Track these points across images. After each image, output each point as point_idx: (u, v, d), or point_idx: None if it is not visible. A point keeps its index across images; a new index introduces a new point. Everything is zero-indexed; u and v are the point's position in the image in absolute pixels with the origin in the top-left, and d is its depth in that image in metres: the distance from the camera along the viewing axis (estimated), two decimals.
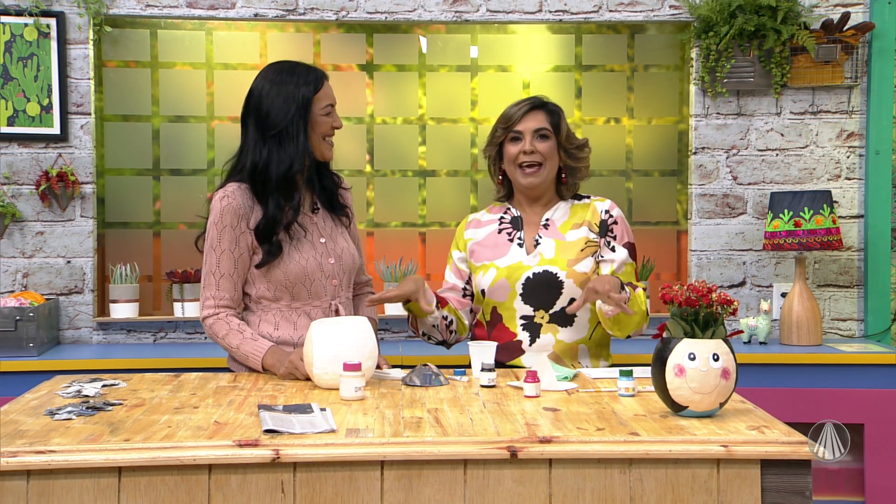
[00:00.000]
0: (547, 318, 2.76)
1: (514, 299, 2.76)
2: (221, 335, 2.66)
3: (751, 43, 3.85)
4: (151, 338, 3.91)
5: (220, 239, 2.65)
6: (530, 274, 2.75)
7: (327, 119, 2.69)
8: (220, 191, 2.68)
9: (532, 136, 2.78)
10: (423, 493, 1.90)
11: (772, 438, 1.93)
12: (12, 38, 3.77)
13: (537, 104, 2.83)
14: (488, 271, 2.80)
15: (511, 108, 2.83)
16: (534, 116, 2.80)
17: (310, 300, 2.71)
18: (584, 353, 2.78)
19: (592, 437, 1.93)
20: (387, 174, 4.08)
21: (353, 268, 2.80)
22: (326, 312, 2.72)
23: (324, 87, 2.69)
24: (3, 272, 3.80)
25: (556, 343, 2.75)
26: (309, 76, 2.68)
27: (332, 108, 2.71)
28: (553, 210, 2.85)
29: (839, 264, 3.96)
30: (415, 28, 4.04)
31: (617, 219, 2.82)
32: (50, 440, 1.91)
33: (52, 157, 3.81)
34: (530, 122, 2.79)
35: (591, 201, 2.86)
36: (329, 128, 2.70)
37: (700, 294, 2.06)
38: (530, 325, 2.76)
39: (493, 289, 2.78)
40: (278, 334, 2.69)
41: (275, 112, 2.64)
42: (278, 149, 2.64)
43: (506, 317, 2.78)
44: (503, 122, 2.82)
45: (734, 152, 3.95)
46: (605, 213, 2.82)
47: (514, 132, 2.79)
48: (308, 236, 2.71)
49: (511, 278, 2.76)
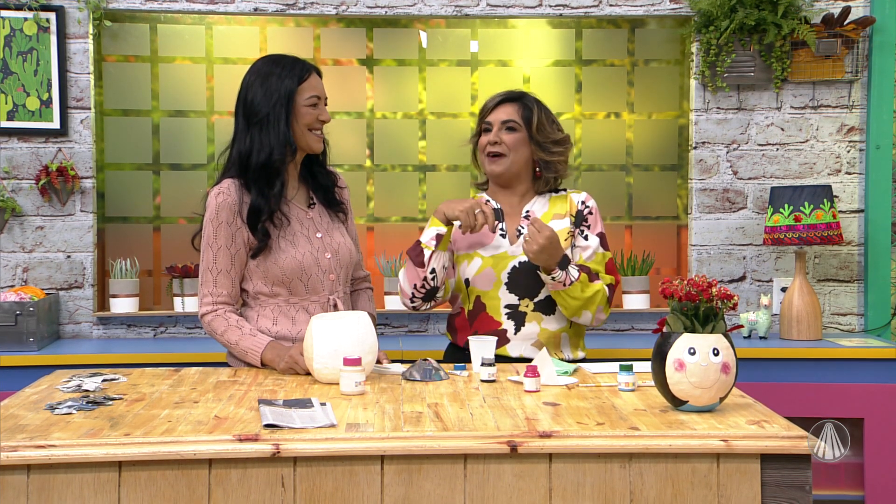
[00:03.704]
0: (532, 306, 2.79)
1: (500, 288, 2.80)
2: (220, 331, 2.66)
3: (751, 37, 3.85)
4: (151, 332, 3.91)
5: (217, 235, 2.66)
6: (516, 263, 2.79)
7: (311, 111, 2.69)
8: (216, 187, 2.69)
9: (499, 126, 2.85)
10: (424, 487, 1.91)
11: (772, 433, 1.93)
12: (12, 33, 3.77)
13: (511, 97, 2.90)
14: (473, 260, 2.82)
15: (487, 100, 2.93)
16: (504, 108, 2.87)
17: (307, 295, 2.71)
18: (565, 341, 2.84)
19: (592, 432, 1.93)
20: (387, 169, 4.08)
21: (351, 263, 2.80)
22: (325, 307, 2.72)
23: (309, 80, 2.70)
24: (3, 267, 3.80)
25: (541, 331, 2.79)
26: (294, 68, 2.70)
27: (317, 100, 2.71)
28: (531, 203, 2.90)
29: (839, 259, 3.96)
30: (415, 22, 4.03)
31: (592, 209, 2.89)
32: (50, 435, 1.91)
33: (52, 152, 3.81)
34: (500, 114, 2.87)
35: (568, 193, 2.92)
36: (314, 120, 2.70)
37: (700, 289, 2.06)
38: (515, 313, 2.79)
39: (477, 277, 2.82)
40: (276, 329, 2.69)
41: (258, 101, 2.67)
42: (259, 137, 2.66)
43: (490, 306, 2.81)
44: (480, 114, 2.93)
45: (734, 147, 3.95)
46: (582, 204, 2.89)
47: (486, 123, 2.88)
48: (304, 231, 2.72)
49: (497, 267, 2.80)
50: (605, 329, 3.98)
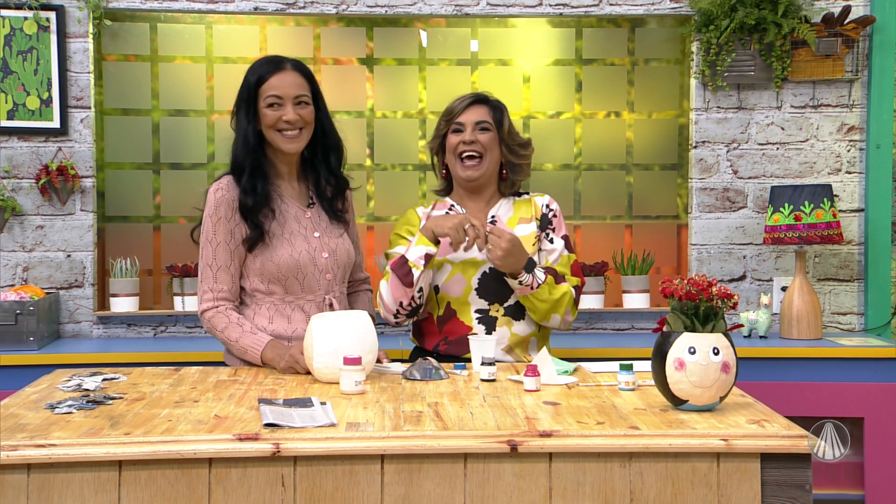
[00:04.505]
0: (502, 311, 2.81)
1: (470, 294, 2.80)
2: (220, 328, 2.66)
3: (751, 36, 3.85)
4: (151, 332, 3.91)
5: (216, 231, 2.67)
6: (486, 269, 2.79)
7: (269, 112, 2.68)
8: (215, 183, 2.71)
9: (473, 127, 2.83)
10: (424, 486, 1.91)
11: (772, 432, 1.93)
12: (12, 32, 3.76)
13: (480, 99, 2.90)
14: (443, 266, 2.82)
15: (454, 102, 2.91)
16: (476, 110, 2.87)
17: (303, 294, 2.71)
18: (533, 344, 2.86)
19: (592, 431, 1.93)
20: (387, 168, 4.08)
21: (349, 263, 2.80)
22: (320, 307, 2.72)
23: (270, 80, 2.68)
24: (3, 266, 3.80)
25: (511, 336, 2.80)
26: (262, 67, 2.72)
27: (277, 100, 2.67)
28: (497, 207, 2.90)
29: (839, 258, 3.96)
30: (415, 22, 4.03)
31: (556, 212, 2.90)
32: (50, 434, 1.91)
33: (52, 151, 3.81)
34: (472, 115, 2.85)
35: (532, 197, 2.93)
36: (275, 120, 2.68)
37: (700, 288, 2.06)
38: (486, 318, 2.80)
39: (448, 284, 2.81)
40: (272, 328, 2.69)
41: (237, 99, 2.73)
42: (237, 134, 2.73)
43: (460, 311, 2.81)
44: (446, 115, 2.89)
45: (734, 146, 3.95)
46: (546, 208, 2.89)
47: (456, 123, 2.86)
48: (301, 230, 2.73)
49: (467, 274, 2.80)
50: (605, 328, 3.98)
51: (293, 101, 2.68)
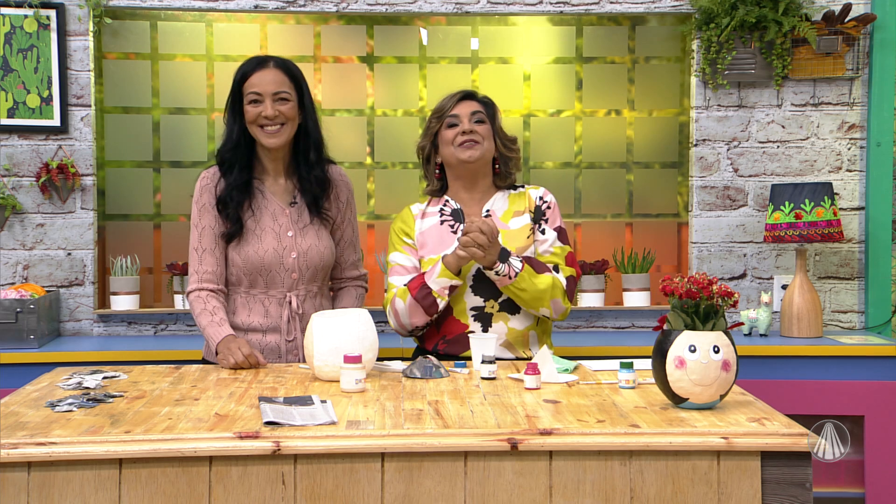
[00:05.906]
0: (497, 307, 2.80)
1: (465, 291, 2.80)
2: (196, 312, 2.76)
3: (752, 34, 3.85)
4: (152, 330, 3.91)
5: (200, 216, 2.80)
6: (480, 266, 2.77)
7: (250, 108, 2.77)
8: (203, 171, 2.86)
9: (469, 118, 2.84)
10: (424, 484, 1.91)
11: (772, 430, 1.93)
12: (12, 30, 3.76)
13: (469, 94, 2.92)
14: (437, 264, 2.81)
15: (443, 100, 2.91)
16: (468, 104, 2.88)
17: (266, 289, 2.80)
18: (533, 339, 2.84)
19: (593, 429, 1.93)
20: (387, 166, 4.08)
21: (321, 264, 2.84)
22: (281, 304, 2.79)
23: (252, 78, 2.78)
24: (3, 264, 3.80)
25: (509, 331, 2.79)
26: (246, 65, 2.81)
27: (257, 97, 2.76)
28: (491, 201, 2.90)
29: (840, 256, 3.96)
30: (415, 20, 4.03)
31: (550, 204, 2.89)
32: (51, 432, 1.91)
33: (53, 149, 3.81)
34: (465, 108, 2.87)
35: (527, 189, 2.93)
36: (255, 116, 2.77)
37: (700, 286, 2.06)
38: (481, 315, 2.80)
39: None
40: (233, 318, 2.79)
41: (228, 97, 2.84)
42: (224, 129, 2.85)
43: (456, 310, 2.81)
44: (437, 113, 2.90)
45: (735, 144, 3.95)
46: (540, 200, 2.89)
47: (451, 117, 2.86)
48: (275, 227, 2.80)
49: (462, 271, 2.78)
50: (606, 327, 3.98)
51: (272, 97, 2.76)
